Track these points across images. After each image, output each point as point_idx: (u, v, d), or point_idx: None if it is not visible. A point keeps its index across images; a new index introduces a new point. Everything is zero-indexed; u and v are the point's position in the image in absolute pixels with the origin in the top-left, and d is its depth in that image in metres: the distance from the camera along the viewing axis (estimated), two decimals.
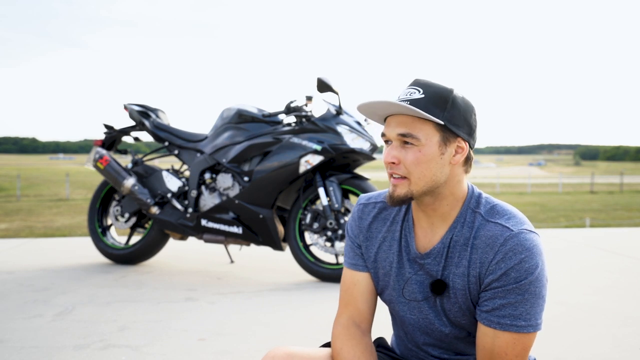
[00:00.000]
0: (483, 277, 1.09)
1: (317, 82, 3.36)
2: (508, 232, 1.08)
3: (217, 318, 2.70)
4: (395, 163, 1.10)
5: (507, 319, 1.05)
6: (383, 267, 1.23)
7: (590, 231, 6.50)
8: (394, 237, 1.23)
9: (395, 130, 1.11)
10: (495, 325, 1.06)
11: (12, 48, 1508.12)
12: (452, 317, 1.16)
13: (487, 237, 1.09)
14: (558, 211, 15.41)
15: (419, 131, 1.09)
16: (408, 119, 1.10)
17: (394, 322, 1.34)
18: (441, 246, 1.15)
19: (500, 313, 1.06)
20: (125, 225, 4.04)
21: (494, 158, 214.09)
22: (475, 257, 1.10)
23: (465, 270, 1.12)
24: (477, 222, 1.13)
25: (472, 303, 1.13)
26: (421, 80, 1.14)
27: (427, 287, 1.18)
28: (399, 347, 1.34)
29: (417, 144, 1.09)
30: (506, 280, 1.05)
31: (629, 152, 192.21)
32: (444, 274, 1.15)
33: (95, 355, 2.18)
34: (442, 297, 1.16)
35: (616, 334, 2.43)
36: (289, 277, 3.68)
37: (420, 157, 1.09)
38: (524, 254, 1.05)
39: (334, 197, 3.42)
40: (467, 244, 1.12)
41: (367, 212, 1.28)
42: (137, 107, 4.10)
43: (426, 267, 1.17)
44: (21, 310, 2.82)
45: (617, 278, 3.63)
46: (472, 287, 1.11)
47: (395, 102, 1.08)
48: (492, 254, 1.08)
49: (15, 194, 22.17)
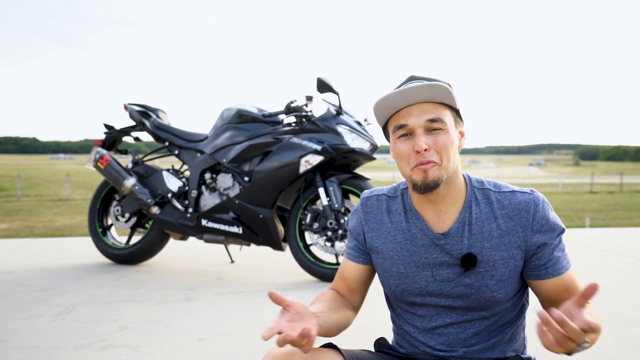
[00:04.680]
0: (530, 238, 1.16)
1: (317, 82, 3.36)
2: (529, 195, 1.18)
3: (217, 318, 2.71)
4: (427, 150, 1.11)
5: (563, 261, 1.18)
6: (391, 257, 1.24)
7: (590, 231, 6.49)
8: (400, 227, 1.24)
9: (422, 117, 1.12)
10: (560, 271, 1.17)
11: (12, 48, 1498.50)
12: (486, 292, 1.18)
13: (517, 204, 1.17)
14: (558, 211, 15.41)
15: (445, 115, 1.14)
16: (431, 106, 1.13)
17: (399, 317, 1.31)
18: (459, 226, 1.18)
19: (559, 260, 1.17)
20: (126, 225, 4.05)
21: (493, 158, 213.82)
22: (512, 224, 1.17)
23: (503, 240, 1.17)
24: (493, 196, 1.20)
25: (517, 269, 1.18)
26: (418, 76, 1.18)
27: (453, 267, 1.19)
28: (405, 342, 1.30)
29: (444, 127, 1.13)
30: (552, 235, 1.17)
31: (628, 152, 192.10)
32: (471, 250, 1.18)
33: (95, 355, 2.18)
34: (474, 272, 1.17)
35: (616, 334, 2.43)
36: (289, 277, 3.68)
37: (449, 140, 1.13)
38: (549, 207, 1.19)
39: (334, 197, 3.42)
40: (493, 217, 1.18)
41: (370, 205, 1.30)
42: (137, 107, 4.11)
43: (446, 247, 1.19)
44: (21, 310, 2.82)
45: (617, 278, 3.63)
46: (517, 252, 1.17)
47: (438, 84, 1.09)
48: (530, 216, 1.16)
49: (16, 194, 22.16)
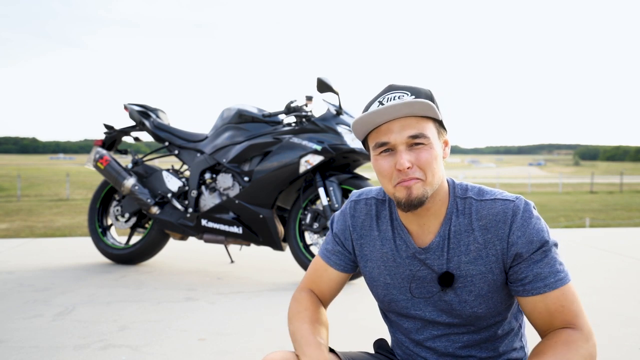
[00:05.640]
0: (506, 251, 1.09)
1: (317, 82, 3.36)
2: (510, 204, 1.10)
3: (217, 318, 2.71)
4: (410, 167, 1.07)
5: (550, 278, 1.06)
6: (378, 267, 1.22)
7: (590, 231, 6.49)
8: (386, 237, 1.21)
9: (404, 133, 1.07)
10: (543, 290, 1.07)
11: (11, 48, 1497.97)
12: (466, 307, 1.14)
13: (495, 215, 1.10)
14: (558, 211, 15.41)
15: (427, 130, 1.08)
16: (412, 120, 1.07)
17: (391, 325, 1.31)
18: (439, 239, 1.14)
19: (542, 276, 1.07)
20: (126, 225, 4.05)
21: (493, 158, 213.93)
22: (489, 236, 1.10)
23: (481, 253, 1.11)
24: (473, 206, 1.13)
25: (497, 283, 1.12)
26: (399, 85, 1.12)
27: (433, 283, 1.16)
28: (399, 350, 1.31)
29: (427, 142, 1.08)
30: (532, 247, 1.07)
31: (628, 152, 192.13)
32: (449, 266, 1.13)
33: (95, 355, 2.18)
34: (453, 289, 1.14)
35: (616, 335, 2.43)
36: (289, 277, 3.68)
37: (433, 156, 1.08)
38: (533, 216, 1.09)
39: (334, 197, 3.42)
40: (470, 229, 1.12)
41: (359, 210, 1.26)
42: (137, 107, 4.11)
43: (427, 262, 1.15)
44: (21, 310, 2.82)
45: (617, 278, 3.63)
46: (495, 266, 1.11)
47: (419, 101, 1.04)
48: (507, 228, 1.09)
49: (16, 194, 22.17)
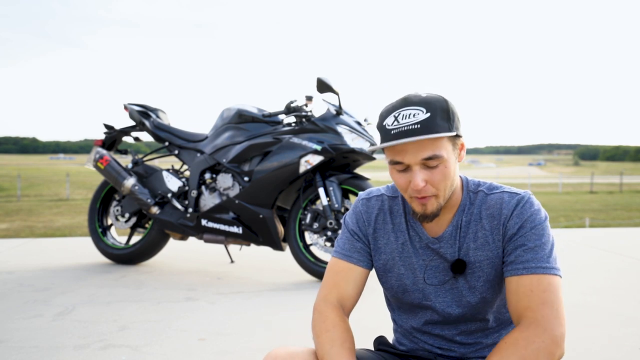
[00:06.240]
0: (504, 235, 1.17)
1: (317, 82, 3.36)
2: (517, 196, 1.18)
3: (217, 318, 2.71)
4: (424, 186, 1.11)
5: (531, 263, 1.11)
6: (393, 258, 1.26)
7: (589, 231, 6.49)
8: (400, 229, 1.26)
9: (418, 155, 1.09)
10: (520, 271, 1.11)
11: (12, 48, 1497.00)
12: (475, 293, 1.20)
13: (498, 203, 1.18)
14: (558, 211, 15.41)
15: (441, 149, 1.10)
16: (427, 141, 1.09)
17: (401, 316, 1.32)
18: (452, 229, 1.21)
19: (523, 259, 1.12)
20: (126, 225, 4.05)
21: (493, 158, 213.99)
22: (495, 223, 1.18)
23: (487, 239, 1.18)
24: (483, 198, 1.21)
25: (501, 268, 1.18)
26: (413, 98, 1.11)
27: (445, 271, 1.22)
28: (407, 340, 1.32)
29: (442, 161, 1.11)
30: (523, 230, 1.14)
31: (628, 152, 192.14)
32: (460, 253, 1.20)
33: (95, 355, 2.18)
34: (464, 275, 1.20)
35: (616, 335, 2.43)
36: (289, 277, 3.68)
37: (447, 173, 1.12)
38: (534, 208, 1.16)
39: (334, 197, 3.42)
40: (479, 218, 1.20)
41: (372, 206, 1.30)
42: (137, 107, 4.11)
43: (440, 251, 1.22)
44: (21, 310, 2.82)
45: (617, 278, 3.63)
46: (500, 251, 1.17)
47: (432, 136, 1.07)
48: (509, 212, 1.16)
49: (16, 194, 22.16)
